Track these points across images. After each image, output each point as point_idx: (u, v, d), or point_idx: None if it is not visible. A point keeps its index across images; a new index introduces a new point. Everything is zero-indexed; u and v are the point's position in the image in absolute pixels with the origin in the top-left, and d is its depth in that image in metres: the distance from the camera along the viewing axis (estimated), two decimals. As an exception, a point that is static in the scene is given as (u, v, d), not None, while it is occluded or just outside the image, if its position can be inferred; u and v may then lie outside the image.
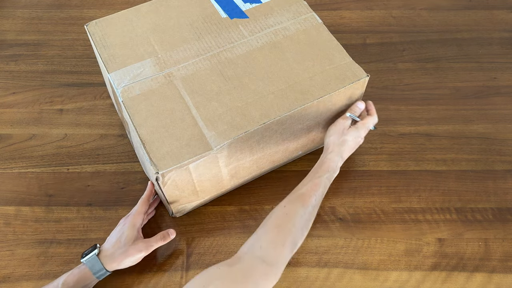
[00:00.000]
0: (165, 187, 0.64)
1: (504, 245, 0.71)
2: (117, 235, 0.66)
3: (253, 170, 0.74)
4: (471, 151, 0.82)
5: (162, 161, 0.61)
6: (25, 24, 1.05)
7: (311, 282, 0.67)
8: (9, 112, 0.88)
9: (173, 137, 0.63)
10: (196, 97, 0.66)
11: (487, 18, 1.04)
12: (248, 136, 0.65)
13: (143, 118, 0.65)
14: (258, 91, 0.67)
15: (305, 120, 0.70)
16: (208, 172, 0.66)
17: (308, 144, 0.78)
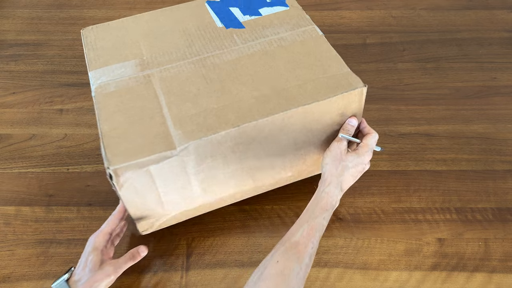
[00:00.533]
0: (122, 191, 0.58)
1: (504, 245, 0.71)
2: (83, 258, 0.61)
3: (230, 187, 0.67)
4: (471, 151, 0.82)
5: (117, 157, 0.55)
6: (25, 24, 1.05)
7: (311, 282, 0.67)
8: (9, 112, 0.88)
9: (137, 134, 0.58)
10: (171, 97, 0.62)
11: (487, 18, 1.04)
12: (219, 140, 0.58)
13: (109, 113, 0.61)
14: (239, 95, 0.62)
15: (290, 131, 0.62)
16: (174, 180, 0.60)
17: (299, 165, 0.70)
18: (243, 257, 0.70)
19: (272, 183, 0.72)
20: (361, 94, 0.63)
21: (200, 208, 0.69)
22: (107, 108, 0.61)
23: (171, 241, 0.71)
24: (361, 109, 0.66)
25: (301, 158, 0.69)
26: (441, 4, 1.07)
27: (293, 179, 0.73)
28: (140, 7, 1.09)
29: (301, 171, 0.72)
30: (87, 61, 0.70)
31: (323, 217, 0.59)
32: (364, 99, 0.64)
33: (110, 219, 0.65)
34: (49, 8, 1.09)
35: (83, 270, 0.60)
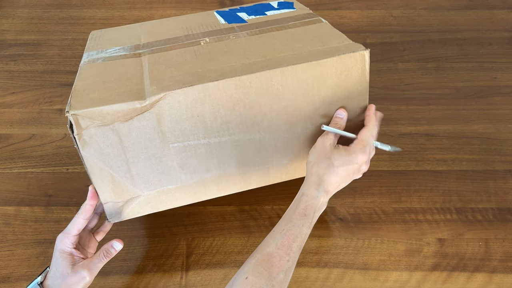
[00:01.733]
0: (85, 150, 0.52)
1: (504, 245, 0.70)
2: (53, 262, 0.57)
3: (212, 164, 0.58)
4: (472, 151, 0.82)
5: (80, 103, 0.50)
6: (24, 24, 1.05)
7: (311, 283, 0.67)
8: (9, 112, 0.88)
9: (108, 89, 0.53)
10: (156, 65, 0.58)
11: (488, 18, 1.04)
12: (196, 97, 0.52)
13: (87, 76, 0.57)
14: (227, 62, 0.56)
15: (280, 98, 0.55)
16: (145, 145, 0.54)
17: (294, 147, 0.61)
18: (243, 257, 0.70)
19: (263, 172, 0.62)
20: (363, 60, 0.55)
21: (178, 193, 0.61)
22: (87, 72, 0.58)
23: (171, 241, 0.71)
24: (365, 78, 0.57)
25: (296, 138, 0.60)
26: (442, 4, 1.07)
27: (291, 172, 0.64)
28: (140, 7, 1.09)
29: (299, 160, 0.63)
30: (85, 48, 0.69)
31: (303, 223, 0.51)
32: (367, 66, 0.56)
33: (75, 220, 0.58)
34: (48, 8, 1.08)
35: (55, 274, 0.57)
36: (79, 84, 0.55)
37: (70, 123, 0.51)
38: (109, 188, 0.57)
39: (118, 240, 0.60)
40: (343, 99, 0.58)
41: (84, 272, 0.56)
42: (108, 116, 0.51)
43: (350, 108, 0.60)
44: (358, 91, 0.58)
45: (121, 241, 0.60)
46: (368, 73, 0.57)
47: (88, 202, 0.58)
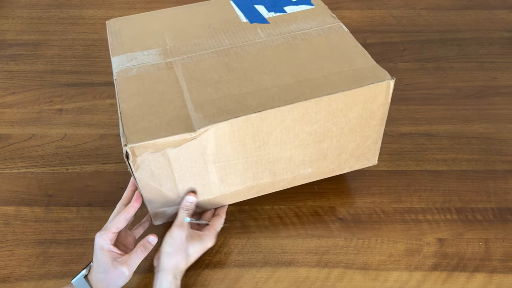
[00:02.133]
0: (138, 172, 0.57)
1: (504, 245, 0.70)
2: (94, 258, 0.61)
3: (248, 178, 0.66)
4: (472, 151, 0.82)
5: (135, 135, 0.55)
6: (24, 24, 1.05)
7: (311, 283, 0.67)
8: (9, 112, 0.88)
9: (155, 115, 0.58)
10: (193, 83, 0.62)
11: (488, 18, 1.04)
12: (239, 126, 0.57)
13: (129, 95, 0.61)
14: (261, 83, 0.61)
15: (312, 122, 0.61)
16: (191, 165, 0.60)
17: (319, 161, 0.68)
18: (243, 257, 0.70)
19: (290, 179, 0.69)
20: (388, 88, 0.61)
21: (216, 200, 0.68)
22: (128, 91, 0.61)
23: (171, 241, 0.71)
24: (387, 104, 0.63)
25: (322, 153, 0.67)
26: (442, 4, 1.07)
27: (312, 177, 0.71)
28: (140, 6, 1.09)
29: (321, 168, 0.70)
30: (110, 48, 0.70)
31: None
32: (391, 93, 0.62)
33: (117, 219, 0.62)
34: (48, 8, 1.08)
35: (97, 269, 0.60)
36: (124, 106, 0.59)
37: (127, 153, 0.55)
38: (156, 199, 0.63)
39: (153, 235, 0.62)
40: (366, 118, 0.64)
41: (124, 268, 0.59)
42: (161, 146, 0.56)
43: (370, 125, 0.66)
44: (381, 111, 0.65)
45: (155, 236, 0.62)
46: (390, 97, 0.63)
47: (133, 204, 0.62)
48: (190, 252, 0.62)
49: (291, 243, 0.71)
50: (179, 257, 0.61)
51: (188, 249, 0.62)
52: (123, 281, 0.60)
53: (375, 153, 0.72)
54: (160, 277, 0.60)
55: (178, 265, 0.61)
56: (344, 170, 0.73)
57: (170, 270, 0.60)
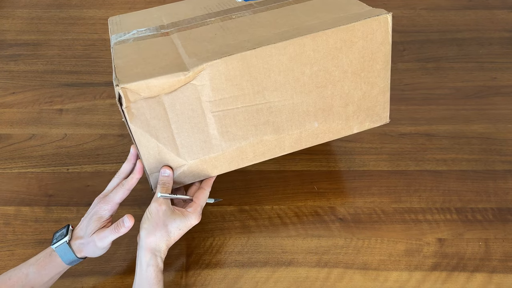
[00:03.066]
0: (133, 122, 0.55)
1: (504, 245, 0.70)
2: (86, 220, 0.61)
3: (249, 131, 0.62)
4: (472, 151, 0.82)
5: (128, 77, 0.53)
6: (24, 24, 1.05)
7: (311, 282, 0.67)
8: (9, 112, 0.88)
9: (150, 64, 0.57)
10: (188, 41, 0.61)
11: (487, 18, 1.04)
12: (234, 66, 0.56)
13: (124, 54, 0.60)
14: (257, 34, 0.59)
15: (311, 62, 0.59)
16: (188, 115, 0.58)
17: (324, 111, 0.64)
18: (243, 257, 0.70)
19: (296, 137, 0.65)
20: (386, 23, 0.60)
21: (218, 161, 0.64)
22: (123, 52, 0.61)
23: (171, 241, 0.71)
24: (388, 40, 0.62)
25: (327, 102, 0.64)
26: (441, 4, 1.07)
27: (320, 135, 0.67)
28: (140, 6, 1.09)
29: (329, 123, 0.66)
30: (110, 32, 0.70)
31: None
32: (390, 30, 0.61)
33: (119, 189, 0.62)
34: (48, 8, 1.09)
35: (85, 232, 0.60)
36: (118, 62, 0.57)
37: (119, 97, 0.53)
38: (155, 159, 0.60)
39: (129, 216, 0.60)
40: (368, 60, 0.62)
41: (97, 240, 0.60)
42: (154, 88, 0.54)
43: (374, 69, 0.64)
44: (382, 52, 0.63)
45: (131, 218, 0.60)
46: (391, 35, 0.62)
47: (135, 175, 0.62)
48: (171, 228, 0.59)
49: (291, 243, 0.71)
50: (158, 233, 0.58)
51: (168, 225, 0.59)
52: (97, 253, 0.61)
53: (385, 107, 0.68)
54: (139, 254, 0.59)
55: (158, 243, 0.59)
56: (354, 129, 0.68)
57: (148, 248, 0.58)
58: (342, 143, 0.83)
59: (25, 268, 0.59)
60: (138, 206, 0.75)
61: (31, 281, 0.59)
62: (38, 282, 0.59)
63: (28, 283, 0.59)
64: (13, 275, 0.59)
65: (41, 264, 0.60)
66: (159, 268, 0.59)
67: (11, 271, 0.59)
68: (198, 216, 0.62)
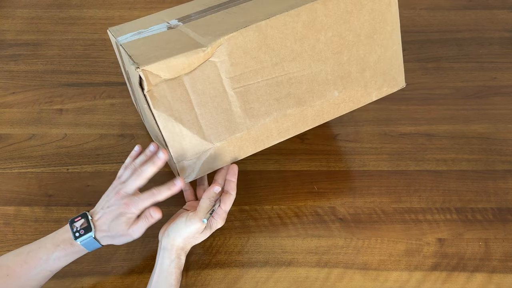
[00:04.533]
0: (155, 106, 0.55)
1: (504, 245, 0.70)
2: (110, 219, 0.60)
3: (272, 106, 0.62)
4: (472, 151, 0.82)
5: (147, 60, 0.53)
6: (24, 24, 1.05)
7: (311, 282, 0.67)
8: (9, 112, 0.88)
9: (165, 49, 0.56)
10: (197, 28, 0.61)
11: (487, 18, 1.04)
12: (251, 38, 0.56)
13: (136, 46, 0.59)
14: (267, 10, 0.59)
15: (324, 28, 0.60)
16: (210, 94, 0.57)
17: (343, 78, 0.64)
18: (243, 257, 0.70)
19: (318, 108, 0.65)
20: None
21: (244, 142, 0.63)
22: (134, 45, 0.60)
23: (171, 241, 0.71)
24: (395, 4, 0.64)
25: (344, 69, 0.64)
26: (441, 4, 1.07)
27: (342, 105, 0.67)
28: (140, 6, 1.09)
29: (348, 91, 0.66)
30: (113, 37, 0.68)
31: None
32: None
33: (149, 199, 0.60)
34: (49, 8, 1.08)
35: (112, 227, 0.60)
36: (133, 52, 0.56)
37: (140, 80, 0.53)
38: (181, 146, 0.59)
39: (156, 209, 0.60)
40: (379, 22, 0.64)
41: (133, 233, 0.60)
42: (175, 69, 0.53)
43: (385, 31, 0.65)
44: (391, 13, 0.65)
45: (159, 210, 0.60)
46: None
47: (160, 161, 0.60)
48: (199, 239, 0.63)
49: (291, 243, 0.71)
50: (187, 243, 0.62)
51: (198, 238, 0.62)
52: (127, 241, 0.61)
53: (399, 70, 0.69)
54: (162, 255, 0.60)
55: (184, 248, 0.61)
56: (373, 95, 0.69)
57: (174, 251, 0.60)
58: (342, 143, 0.83)
59: (43, 253, 0.59)
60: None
61: (50, 265, 0.59)
62: (56, 267, 0.60)
63: (47, 267, 0.59)
64: (28, 259, 0.59)
65: (62, 250, 0.60)
66: (180, 270, 0.61)
67: (25, 253, 0.59)
68: (223, 221, 0.64)
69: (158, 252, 0.61)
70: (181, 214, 0.64)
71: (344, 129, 0.85)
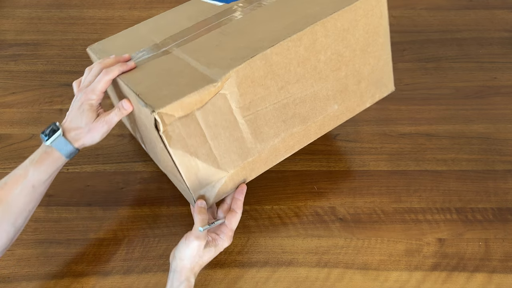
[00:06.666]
0: (172, 145, 0.55)
1: (504, 245, 0.70)
2: (74, 113, 0.61)
3: (279, 128, 0.63)
4: (472, 151, 0.82)
5: (160, 101, 0.53)
6: (24, 24, 1.05)
7: (311, 283, 0.67)
8: (9, 112, 0.88)
9: (172, 84, 0.56)
10: (194, 54, 0.61)
11: (487, 18, 1.04)
12: (258, 66, 0.57)
13: (138, 81, 0.59)
14: (265, 31, 0.60)
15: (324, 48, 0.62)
16: (222, 125, 0.58)
17: (342, 92, 0.67)
18: (243, 257, 0.70)
19: (320, 123, 0.68)
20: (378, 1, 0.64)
21: (255, 164, 0.65)
22: (134, 79, 0.59)
23: (171, 241, 0.71)
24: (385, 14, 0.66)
25: (342, 83, 0.67)
26: (442, 4, 1.07)
27: (340, 116, 0.70)
28: (140, 6, 1.09)
29: (346, 103, 0.69)
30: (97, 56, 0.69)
31: None
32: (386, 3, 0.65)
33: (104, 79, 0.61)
34: (48, 8, 1.08)
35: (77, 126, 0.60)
36: (138, 88, 0.56)
37: (155, 122, 0.53)
38: (196, 177, 0.60)
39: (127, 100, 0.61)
40: (372, 35, 0.66)
41: (104, 124, 0.60)
42: (188, 106, 0.54)
43: (378, 43, 0.68)
44: (382, 26, 0.67)
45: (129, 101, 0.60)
46: (387, 9, 0.66)
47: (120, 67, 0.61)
48: (205, 258, 0.61)
49: (291, 243, 0.71)
50: (194, 263, 0.61)
51: (203, 256, 0.61)
52: (100, 137, 0.61)
53: (389, 76, 0.72)
54: (171, 277, 0.60)
55: (193, 269, 0.61)
56: (367, 103, 0.72)
57: (183, 273, 0.60)
58: (342, 143, 0.83)
59: (21, 169, 0.59)
60: (138, 206, 0.75)
61: (30, 180, 0.58)
62: (37, 180, 0.59)
63: (28, 183, 0.58)
64: (7, 180, 0.58)
65: (39, 161, 0.59)
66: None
67: (5, 178, 0.59)
68: (230, 240, 0.63)
69: (168, 275, 0.61)
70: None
71: (344, 129, 0.85)
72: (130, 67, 0.62)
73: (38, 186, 0.59)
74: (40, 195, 0.61)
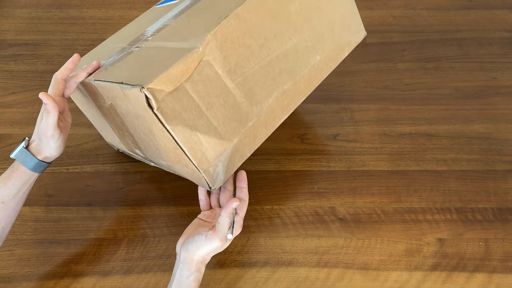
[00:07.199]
0: (169, 122, 0.53)
1: (504, 245, 0.70)
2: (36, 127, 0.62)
3: (271, 86, 0.63)
4: (472, 151, 0.82)
5: (145, 78, 0.52)
6: (24, 24, 1.05)
7: (311, 283, 0.67)
8: (9, 112, 0.88)
9: (153, 64, 0.56)
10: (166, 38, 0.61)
11: (487, 18, 1.04)
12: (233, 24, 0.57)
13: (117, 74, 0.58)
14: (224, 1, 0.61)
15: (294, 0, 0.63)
16: (214, 93, 0.57)
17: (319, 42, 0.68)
18: (243, 257, 0.70)
19: (307, 77, 0.67)
20: None
21: (255, 129, 0.63)
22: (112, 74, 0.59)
23: (171, 241, 0.71)
24: None
25: (318, 32, 0.67)
26: (442, 4, 1.07)
27: (324, 67, 0.69)
28: (139, 6, 1.09)
29: (326, 52, 0.69)
30: None
31: None
32: None
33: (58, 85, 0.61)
34: (48, 8, 1.09)
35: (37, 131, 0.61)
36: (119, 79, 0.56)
37: (147, 100, 0.52)
38: (202, 154, 0.58)
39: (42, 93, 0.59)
40: None
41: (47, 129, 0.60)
42: (175, 78, 0.53)
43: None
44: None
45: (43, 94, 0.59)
46: None
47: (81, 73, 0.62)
48: (220, 249, 0.61)
49: (291, 243, 0.71)
50: (207, 256, 0.60)
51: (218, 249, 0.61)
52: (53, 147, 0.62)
53: (359, 22, 0.74)
54: (180, 267, 0.59)
55: (204, 261, 0.60)
56: (345, 50, 0.72)
57: (193, 264, 0.59)
58: (342, 143, 0.83)
59: None
60: (138, 206, 0.75)
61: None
62: (6, 195, 0.60)
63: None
64: None
65: (6, 176, 0.60)
66: (198, 284, 0.60)
67: None
68: (240, 227, 0.62)
69: (176, 265, 0.60)
70: (199, 231, 0.62)
71: (344, 129, 0.85)
72: (94, 67, 0.62)
73: (8, 202, 0.60)
74: (13, 211, 0.61)
